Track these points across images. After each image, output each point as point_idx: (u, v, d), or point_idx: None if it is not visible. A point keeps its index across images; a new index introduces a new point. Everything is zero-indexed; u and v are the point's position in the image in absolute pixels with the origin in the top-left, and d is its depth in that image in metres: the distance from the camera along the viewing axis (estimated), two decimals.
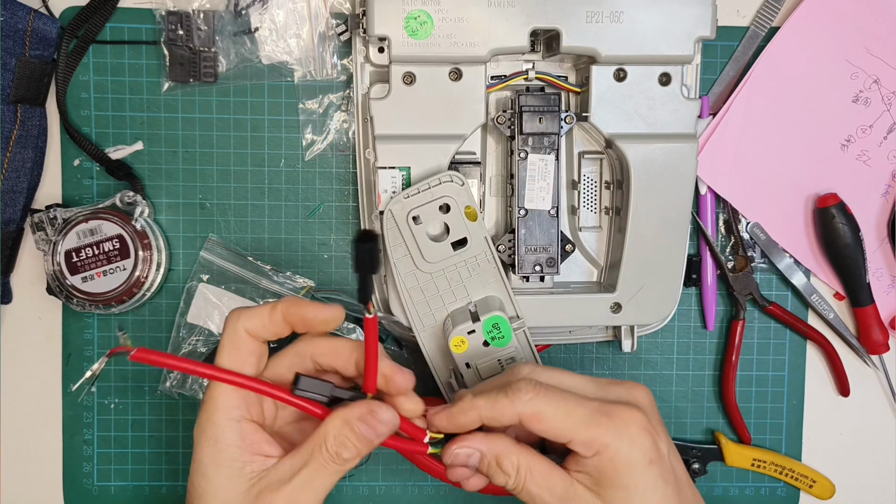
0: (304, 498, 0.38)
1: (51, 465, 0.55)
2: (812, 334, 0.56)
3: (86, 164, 0.53)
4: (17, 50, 0.50)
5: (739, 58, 0.55)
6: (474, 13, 0.46)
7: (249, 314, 0.40)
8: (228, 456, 0.39)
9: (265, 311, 0.40)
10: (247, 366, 0.40)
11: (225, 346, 0.40)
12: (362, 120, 0.51)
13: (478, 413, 0.40)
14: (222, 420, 0.39)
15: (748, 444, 0.56)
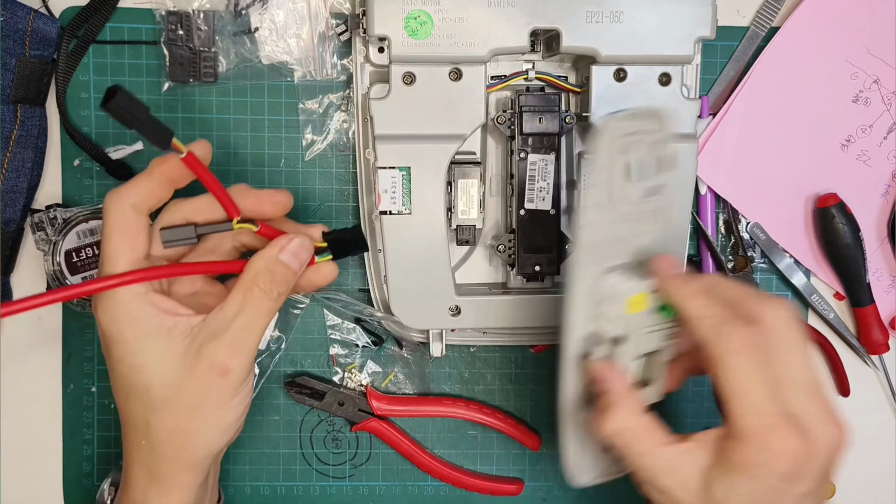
0: (245, 340, 0.39)
1: (51, 465, 0.55)
2: (812, 334, 0.56)
3: (86, 164, 0.53)
4: (17, 50, 0.50)
5: (739, 58, 0.55)
6: (474, 13, 0.46)
7: (128, 188, 0.40)
8: (152, 325, 0.39)
9: (142, 179, 0.40)
10: (139, 247, 0.40)
11: (114, 231, 0.39)
12: (362, 120, 0.51)
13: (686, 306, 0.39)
14: (129, 298, 0.39)
15: None
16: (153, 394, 0.39)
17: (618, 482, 0.57)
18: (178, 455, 0.40)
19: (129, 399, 0.41)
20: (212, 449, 0.41)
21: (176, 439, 0.40)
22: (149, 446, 0.40)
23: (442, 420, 0.56)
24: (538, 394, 0.57)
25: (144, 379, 0.40)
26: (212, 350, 0.39)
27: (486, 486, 0.56)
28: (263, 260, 0.40)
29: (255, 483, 0.56)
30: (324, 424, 0.56)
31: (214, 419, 0.40)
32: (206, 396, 0.40)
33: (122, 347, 0.39)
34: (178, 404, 0.39)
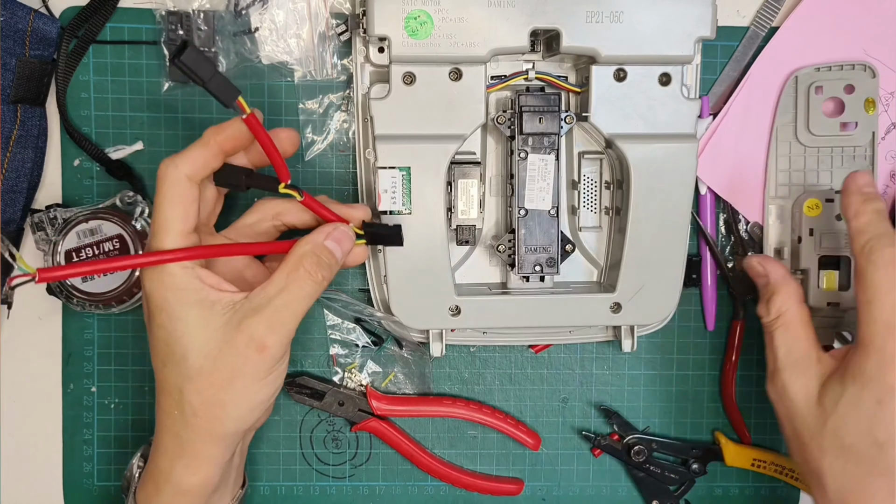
0: (284, 318, 0.41)
1: (51, 465, 0.55)
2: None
3: (86, 164, 0.53)
4: (17, 50, 0.50)
5: (739, 58, 0.55)
6: (474, 13, 0.46)
7: (183, 157, 0.41)
8: (196, 297, 0.40)
9: (198, 149, 0.41)
10: (190, 217, 0.41)
11: (168, 200, 0.40)
12: (362, 120, 0.51)
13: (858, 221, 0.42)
14: (177, 269, 0.40)
15: (748, 444, 0.56)
16: (190, 362, 0.40)
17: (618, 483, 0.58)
18: (209, 426, 0.41)
19: (165, 365, 0.42)
20: (241, 424, 0.42)
21: (208, 409, 0.41)
22: (181, 416, 0.41)
23: (442, 420, 0.56)
24: (538, 394, 0.57)
25: (183, 347, 0.40)
26: (252, 324, 0.40)
27: (486, 486, 0.56)
28: (310, 244, 0.42)
29: (255, 483, 0.56)
30: (324, 424, 0.56)
31: (247, 393, 0.41)
32: (241, 369, 0.40)
33: (164, 314, 0.40)
34: (213, 374, 0.40)
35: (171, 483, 0.43)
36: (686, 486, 0.56)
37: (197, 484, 0.43)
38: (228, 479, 0.45)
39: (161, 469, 0.43)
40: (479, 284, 0.53)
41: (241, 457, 0.47)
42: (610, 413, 0.56)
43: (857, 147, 0.53)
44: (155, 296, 0.41)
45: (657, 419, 0.57)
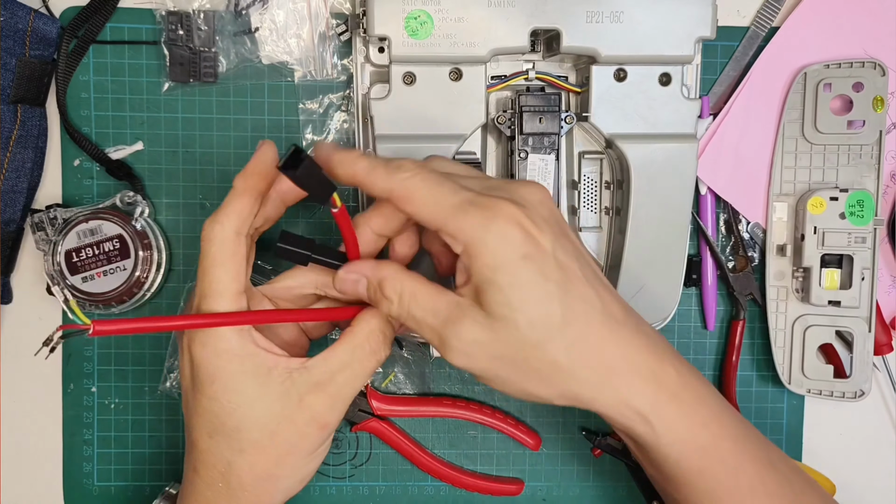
0: (345, 395, 0.39)
1: (51, 465, 0.55)
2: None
3: (86, 164, 0.53)
4: (17, 50, 0.50)
5: (739, 58, 0.55)
6: (474, 13, 0.46)
7: (227, 213, 0.38)
8: (253, 364, 0.38)
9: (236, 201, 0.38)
10: (241, 276, 0.39)
11: (217, 262, 0.38)
12: (362, 120, 0.51)
13: (353, 170, 0.37)
14: (232, 333, 0.38)
15: None
16: (243, 435, 0.38)
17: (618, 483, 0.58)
18: (257, 500, 0.39)
19: (213, 437, 0.39)
20: (290, 494, 0.41)
21: (259, 484, 0.39)
22: (226, 489, 0.39)
23: (442, 420, 0.56)
24: None
25: (237, 419, 0.38)
26: (314, 402, 0.38)
27: (486, 486, 0.56)
28: (378, 319, 0.40)
29: None
30: None
31: (300, 467, 0.40)
32: (298, 445, 0.39)
33: (219, 385, 0.38)
34: (270, 449, 0.38)
35: None
36: None
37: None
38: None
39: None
40: None
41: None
42: None
43: (864, 146, 0.53)
44: (208, 364, 0.38)
45: None
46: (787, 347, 0.55)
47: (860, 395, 0.55)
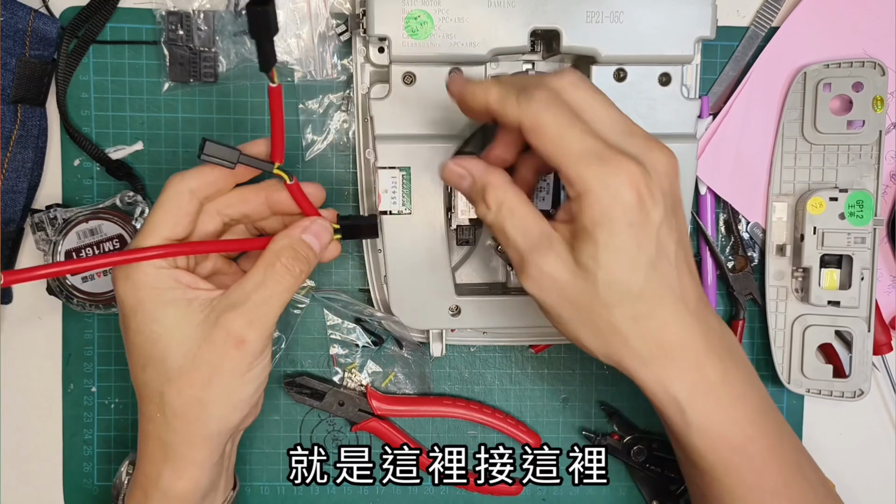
0: (263, 313, 0.40)
1: (51, 465, 0.55)
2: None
3: (86, 164, 0.53)
4: (17, 50, 0.50)
5: (739, 58, 0.55)
6: (474, 13, 0.46)
7: (192, 174, 0.41)
8: (172, 295, 0.40)
9: (205, 170, 0.41)
10: (179, 228, 0.41)
11: (163, 206, 0.41)
12: (362, 120, 0.51)
13: (485, 98, 0.38)
14: (152, 269, 0.40)
15: None
16: (169, 363, 0.40)
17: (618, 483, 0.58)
18: (192, 427, 0.41)
19: (144, 370, 0.41)
20: (224, 423, 0.42)
21: (190, 409, 0.40)
22: (163, 419, 0.41)
23: (442, 420, 0.56)
24: (538, 394, 0.57)
25: (161, 348, 0.40)
26: (229, 320, 0.40)
27: (486, 487, 0.56)
28: (287, 238, 0.42)
29: (255, 483, 0.56)
30: (324, 424, 0.56)
31: (229, 391, 0.41)
32: (221, 366, 0.40)
33: (140, 316, 0.40)
34: (193, 373, 0.40)
35: (160, 489, 0.42)
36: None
37: (185, 488, 0.42)
38: (218, 481, 0.45)
39: (148, 475, 0.42)
40: (479, 284, 0.53)
41: (231, 459, 0.46)
42: (610, 412, 0.56)
43: (864, 146, 0.53)
44: (128, 299, 0.40)
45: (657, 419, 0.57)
46: (787, 347, 0.55)
47: (859, 394, 0.55)
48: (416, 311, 0.50)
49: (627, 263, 0.36)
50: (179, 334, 0.40)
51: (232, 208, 0.44)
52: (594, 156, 0.36)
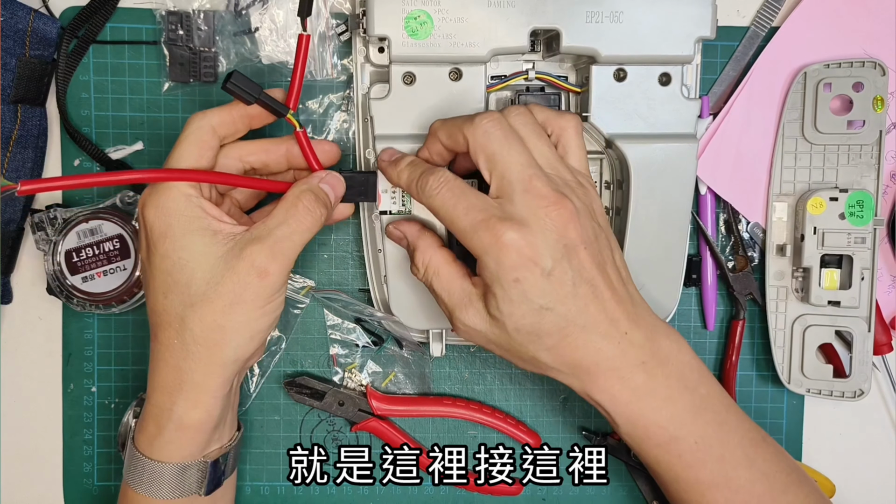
0: (284, 248, 0.42)
1: (51, 465, 0.55)
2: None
3: (86, 164, 0.53)
4: (17, 50, 0.50)
5: (739, 58, 0.55)
6: (474, 13, 0.46)
7: (214, 111, 0.44)
8: (200, 224, 0.42)
9: (226, 108, 0.44)
10: (204, 160, 0.44)
11: (187, 140, 0.43)
12: (362, 120, 0.51)
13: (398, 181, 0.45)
14: (180, 196, 0.42)
15: None
16: (193, 289, 0.42)
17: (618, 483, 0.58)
18: (211, 353, 0.42)
19: (167, 296, 0.42)
20: (242, 352, 0.43)
21: (209, 335, 0.42)
22: (181, 345, 0.42)
23: (442, 420, 0.56)
24: (538, 394, 0.57)
25: (187, 274, 0.42)
26: (254, 252, 0.42)
27: (486, 487, 0.56)
28: (307, 184, 0.44)
29: (255, 483, 0.56)
30: (324, 424, 0.56)
31: (248, 320, 0.42)
32: (242, 296, 0.42)
33: (168, 242, 0.42)
34: (216, 300, 0.41)
35: (173, 420, 0.43)
36: None
37: (199, 418, 0.43)
38: (227, 414, 0.46)
39: (161, 407, 0.43)
40: None
41: (236, 397, 0.48)
42: None
43: (864, 146, 0.53)
44: (157, 223, 0.42)
45: None
46: (787, 347, 0.55)
47: (860, 394, 0.55)
48: (416, 311, 0.50)
49: (523, 312, 0.41)
50: (205, 262, 0.42)
51: (254, 156, 0.46)
52: (480, 226, 0.40)
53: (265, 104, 0.44)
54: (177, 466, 0.44)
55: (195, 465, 0.44)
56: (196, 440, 0.44)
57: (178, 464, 0.44)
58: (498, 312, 0.41)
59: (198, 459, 0.45)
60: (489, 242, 0.40)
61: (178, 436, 0.43)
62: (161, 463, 0.44)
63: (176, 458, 0.44)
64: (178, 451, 0.44)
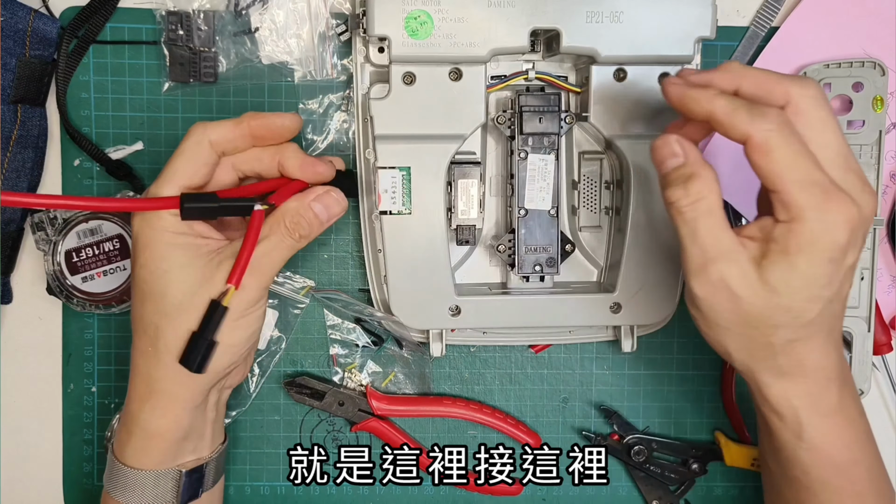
0: (262, 264, 0.42)
1: (51, 465, 0.55)
2: None
3: (86, 164, 0.53)
4: (17, 50, 0.50)
5: (739, 58, 0.55)
6: (474, 13, 0.46)
7: (215, 125, 0.43)
8: (184, 241, 0.42)
9: (230, 123, 0.43)
10: (197, 177, 0.43)
11: (184, 154, 0.42)
12: (362, 120, 0.51)
13: (710, 107, 0.38)
14: (167, 216, 0.42)
15: (748, 444, 0.56)
16: (168, 299, 0.42)
17: (618, 483, 0.58)
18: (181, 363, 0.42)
19: (144, 303, 0.43)
20: (213, 364, 0.43)
21: (181, 344, 0.42)
22: (154, 353, 0.42)
23: (442, 420, 0.56)
24: (538, 394, 0.57)
25: (163, 284, 0.42)
26: (230, 265, 0.42)
27: (486, 487, 0.56)
28: (296, 202, 0.43)
29: (255, 483, 0.56)
30: (324, 424, 0.56)
31: (223, 332, 0.42)
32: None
33: (149, 252, 0.42)
34: (190, 310, 0.42)
35: (140, 426, 0.43)
36: (686, 486, 0.56)
37: (165, 427, 0.43)
38: (203, 428, 0.46)
39: (132, 413, 0.44)
40: (479, 284, 0.53)
41: (219, 412, 0.48)
42: (610, 413, 0.56)
43: (864, 146, 0.53)
44: (142, 235, 0.42)
45: (657, 419, 0.57)
46: None
47: (860, 394, 0.55)
48: (416, 311, 0.50)
49: (814, 294, 0.38)
50: (183, 273, 0.42)
51: (246, 165, 0.45)
52: (819, 188, 0.37)
53: (230, 209, 0.43)
54: (150, 474, 0.44)
55: (168, 473, 0.44)
56: (163, 448, 0.44)
57: (150, 471, 0.44)
58: (781, 283, 0.37)
59: (171, 468, 0.44)
60: (827, 210, 0.36)
61: (145, 443, 0.44)
62: (134, 469, 0.44)
63: (147, 465, 0.44)
64: (147, 458, 0.44)
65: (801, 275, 0.37)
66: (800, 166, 0.36)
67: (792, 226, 0.37)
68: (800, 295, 0.38)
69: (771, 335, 0.39)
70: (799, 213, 0.37)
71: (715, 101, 0.38)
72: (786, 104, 0.38)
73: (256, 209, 0.42)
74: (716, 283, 0.38)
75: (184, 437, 0.44)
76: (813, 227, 0.37)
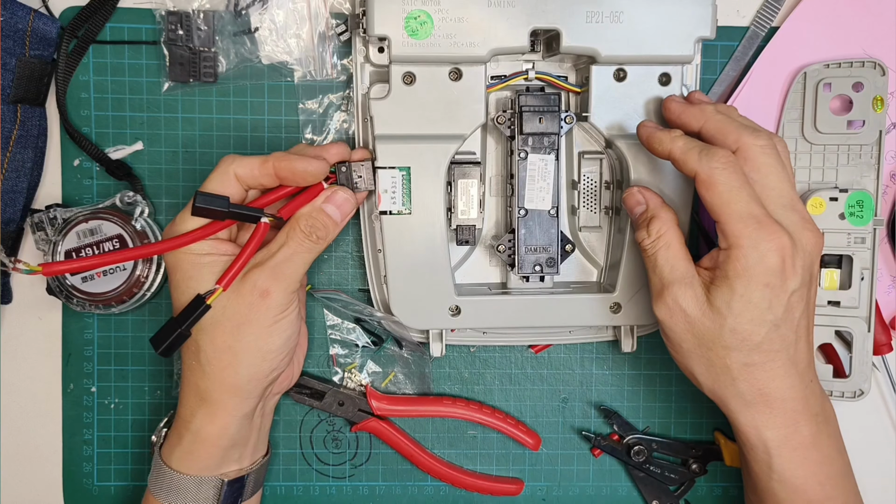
0: (284, 270, 0.44)
1: (51, 465, 0.55)
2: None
3: (86, 164, 0.53)
4: (17, 50, 0.50)
5: (739, 58, 0.55)
6: (474, 13, 0.46)
7: (243, 161, 0.45)
8: (209, 260, 0.44)
9: (258, 161, 0.45)
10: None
11: (210, 183, 0.44)
12: (362, 120, 0.51)
13: (670, 149, 0.44)
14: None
15: None
16: (203, 316, 0.44)
17: (618, 483, 0.58)
18: (224, 374, 0.45)
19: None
20: (255, 371, 0.45)
21: (220, 357, 0.44)
22: (199, 366, 0.45)
23: (442, 420, 0.56)
24: (538, 394, 0.57)
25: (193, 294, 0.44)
26: (255, 274, 0.44)
27: (486, 487, 0.56)
28: (309, 206, 0.45)
29: None
30: (324, 424, 0.56)
31: (257, 339, 0.44)
32: (248, 316, 0.44)
33: (179, 274, 0.44)
34: (224, 322, 0.44)
35: (191, 431, 0.46)
36: (686, 486, 0.56)
37: (214, 433, 0.45)
38: (248, 436, 0.48)
39: (183, 419, 0.46)
40: (479, 284, 0.53)
41: (264, 422, 0.50)
42: (610, 413, 0.56)
43: (864, 146, 0.53)
44: (172, 259, 0.45)
45: (657, 419, 0.57)
46: None
47: (859, 394, 0.55)
48: (416, 311, 0.50)
49: (755, 317, 0.42)
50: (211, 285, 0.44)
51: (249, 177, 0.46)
52: (753, 220, 0.41)
53: (237, 214, 0.44)
54: (193, 479, 0.46)
55: (210, 481, 0.46)
56: (211, 454, 0.46)
57: (194, 476, 0.46)
58: (724, 306, 0.42)
59: (214, 476, 0.46)
60: (759, 238, 0.41)
61: (194, 447, 0.46)
62: (179, 473, 0.46)
63: (192, 470, 0.46)
64: (194, 463, 0.46)
65: (739, 298, 0.41)
66: (738, 200, 0.41)
67: (730, 252, 0.41)
68: (742, 317, 0.41)
69: (725, 356, 0.43)
70: (735, 241, 0.41)
71: (674, 143, 0.44)
72: (737, 149, 0.43)
73: (263, 221, 0.44)
74: (671, 306, 0.43)
75: (231, 444, 0.46)
76: (747, 253, 0.41)
